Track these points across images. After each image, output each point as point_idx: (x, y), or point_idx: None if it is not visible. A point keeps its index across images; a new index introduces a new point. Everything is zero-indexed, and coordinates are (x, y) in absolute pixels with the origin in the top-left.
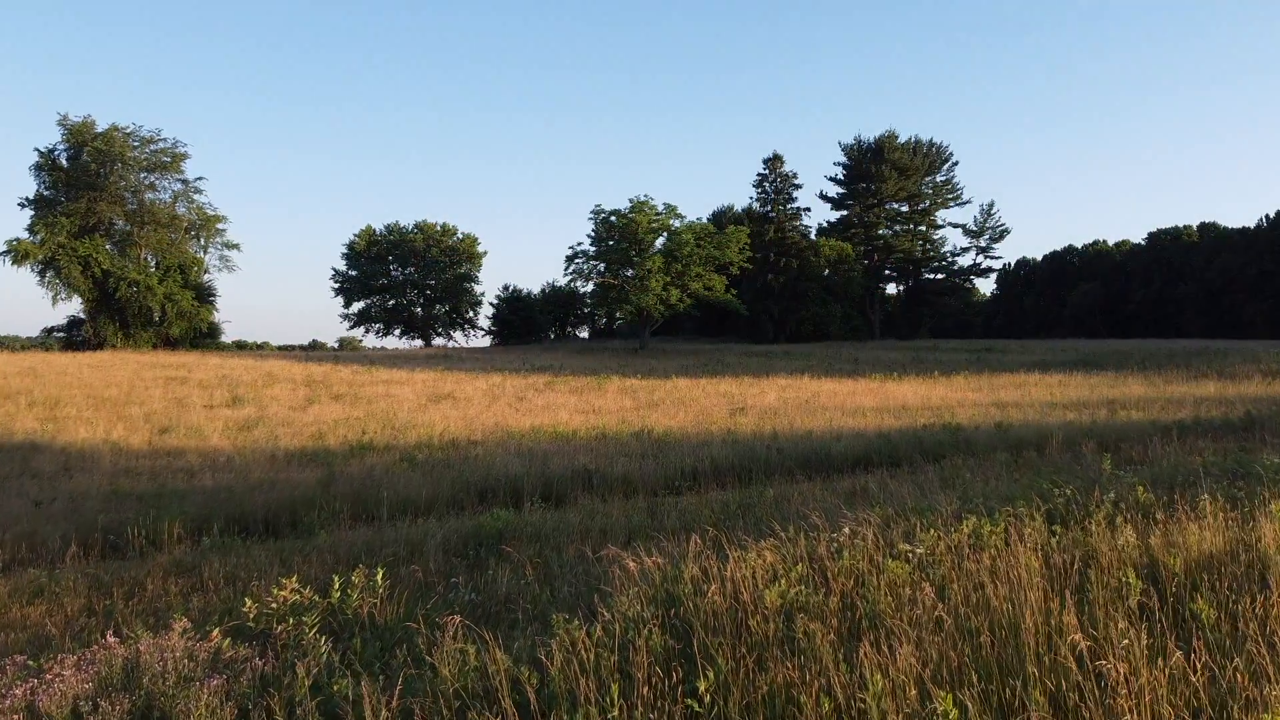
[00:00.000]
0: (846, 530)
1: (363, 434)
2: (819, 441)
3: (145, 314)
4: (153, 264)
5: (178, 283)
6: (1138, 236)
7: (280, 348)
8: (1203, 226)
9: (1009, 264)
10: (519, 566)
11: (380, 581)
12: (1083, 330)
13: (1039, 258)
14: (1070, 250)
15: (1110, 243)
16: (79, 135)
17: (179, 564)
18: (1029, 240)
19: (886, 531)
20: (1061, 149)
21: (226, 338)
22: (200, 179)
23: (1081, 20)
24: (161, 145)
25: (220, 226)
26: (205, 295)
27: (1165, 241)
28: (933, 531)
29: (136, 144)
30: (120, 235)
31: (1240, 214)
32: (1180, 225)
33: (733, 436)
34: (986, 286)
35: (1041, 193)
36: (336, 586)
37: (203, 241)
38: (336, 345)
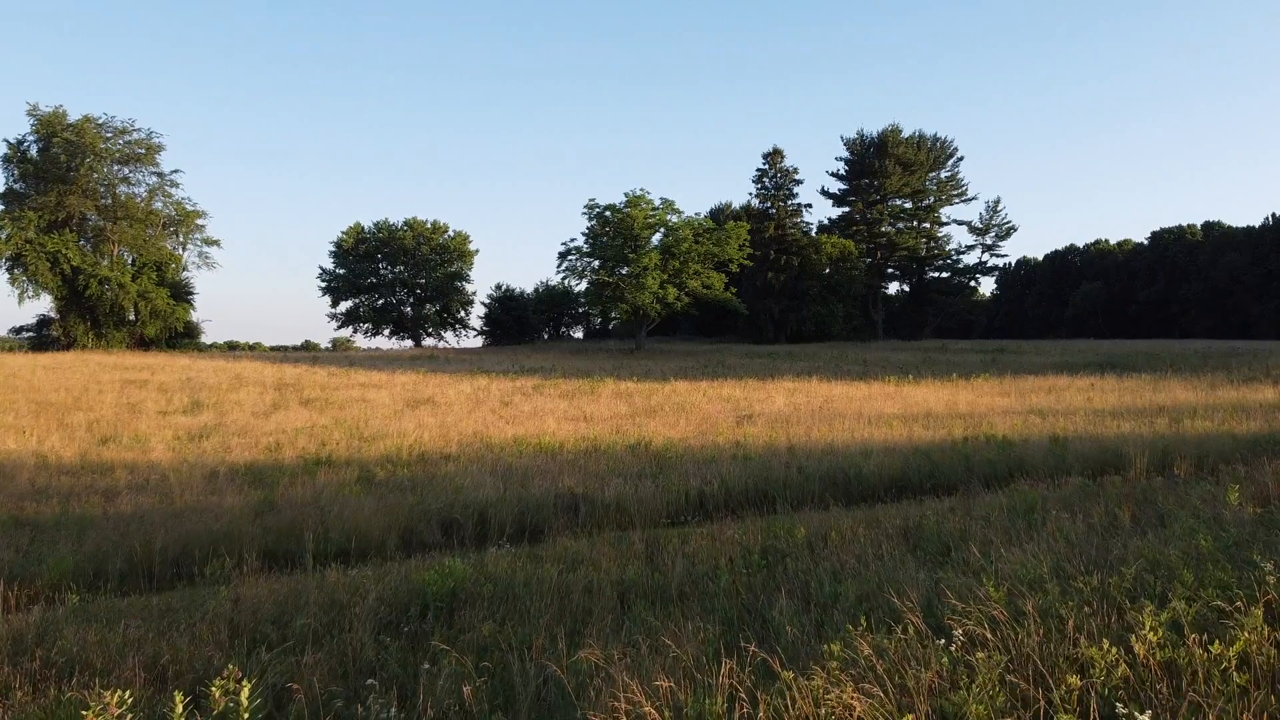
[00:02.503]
0: (960, 634)
1: (323, 445)
2: (844, 457)
3: (118, 313)
4: (129, 260)
5: (152, 280)
6: (1140, 236)
7: (273, 348)
8: (1207, 225)
9: (1010, 263)
10: (462, 675)
11: (246, 703)
12: (1085, 331)
13: (1040, 257)
14: (1072, 250)
15: (1112, 242)
16: (49, 126)
17: (17, 638)
18: (1029, 240)
19: (1019, 628)
20: (1062, 147)
21: (217, 338)
22: (177, 172)
23: (1082, 17)
24: (135, 136)
25: (199, 222)
26: (182, 293)
27: (1169, 241)
28: (1110, 648)
29: (109, 135)
30: (93, 231)
31: (1245, 213)
32: (1184, 224)
33: (743, 450)
34: (987, 286)
35: (1042, 192)
36: (179, 713)
37: (181, 238)
38: (330, 346)
